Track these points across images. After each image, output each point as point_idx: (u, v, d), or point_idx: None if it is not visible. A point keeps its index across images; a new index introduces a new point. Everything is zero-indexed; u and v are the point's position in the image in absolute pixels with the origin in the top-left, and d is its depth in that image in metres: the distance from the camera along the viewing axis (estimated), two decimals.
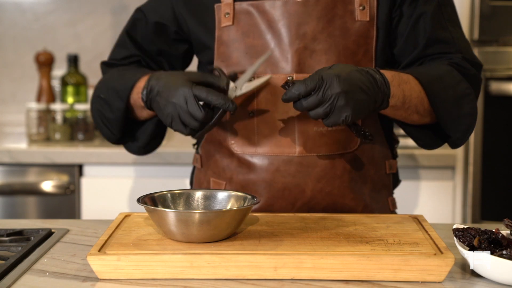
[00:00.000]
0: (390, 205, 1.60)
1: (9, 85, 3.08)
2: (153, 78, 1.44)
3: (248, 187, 1.51)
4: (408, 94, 1.41)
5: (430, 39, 1.50)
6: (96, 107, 1.59)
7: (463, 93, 1.46)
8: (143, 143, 1.62)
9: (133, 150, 1.64)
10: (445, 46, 1.51)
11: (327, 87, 1.28)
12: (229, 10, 1.50)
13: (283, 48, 1.47)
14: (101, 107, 1.57)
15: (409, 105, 1.42)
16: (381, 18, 1.49)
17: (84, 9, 3.06)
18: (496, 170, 2.48)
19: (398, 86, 1.39)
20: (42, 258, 1.23)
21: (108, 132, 1.60)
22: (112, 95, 1.54)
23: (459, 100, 1.46)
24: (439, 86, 1.44)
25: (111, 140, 1.62)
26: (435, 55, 1.51)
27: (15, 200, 2.49)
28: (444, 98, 1.44)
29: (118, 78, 1.55)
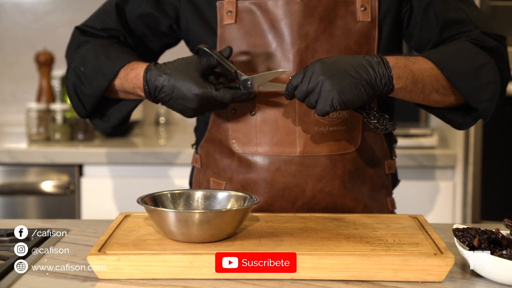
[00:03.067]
0: (389, 205, 1.60)
1: (9, 85, 3.08)
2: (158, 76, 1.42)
3: (249, 186, 1.51)
4: (419, 73, 1.37)
5: (444, 23, 1.47)
6: (73, 80, 1.55)
7: (481, 63, 1.41)
8: (115, 123, 1.57)
9: (102, 128, 1.59)
10: (461, 26, 1.47)
11: (312, 74, 1.31)
12: (231, 8, 1.50)
13: (284, 48, 1.47)
14: (79, 81, 1.54)
15: (422, 84, 1.38)
16: (384, 18, 1.49)
17: (84, 9, 3.06)
18: (496, 170, 2.48)
19: (404, 67, 1.35)
20: (42, 258, 1.23)
21: (80, 106, 1.56)
22: (95, 72, 1.51)
23: (477, 71, 1.40)
24: (454, 60, 1.40)
25: (81, 114, 1.58)
26: (453, 36, 1.48)
27: (15, 200, 2.49)
28: (461, 71, 1.40)
29: (103, 56, 1.52)
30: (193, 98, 1.39)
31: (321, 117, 1.46)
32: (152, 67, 1.44)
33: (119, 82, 1.50)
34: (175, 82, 1.40)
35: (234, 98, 1.39)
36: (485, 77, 1.41)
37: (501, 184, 2.49)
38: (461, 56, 1.41)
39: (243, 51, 1.49)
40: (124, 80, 1.49)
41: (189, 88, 1.39)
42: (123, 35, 1.60)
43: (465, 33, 1.46)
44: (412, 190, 2.44)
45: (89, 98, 1.54)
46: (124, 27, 1.60)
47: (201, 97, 1.38)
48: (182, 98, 1.40)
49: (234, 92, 1.39)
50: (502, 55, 1.45)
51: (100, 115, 1.58)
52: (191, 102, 1.40)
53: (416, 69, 1.37)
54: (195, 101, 1.39)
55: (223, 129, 1.54)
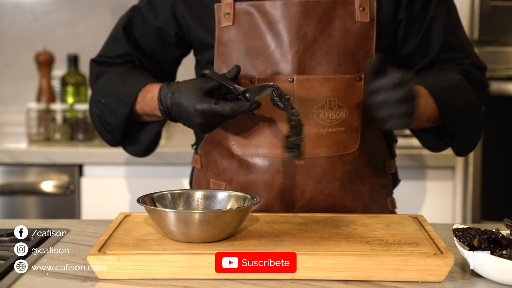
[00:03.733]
0: (389, 205, 1.60)
1: (9, 85, 3.08)
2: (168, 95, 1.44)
3: (248, 188, 1.51)
4: (423, 109, 1.43)
5: (444, 46, 1.54)
6: (96, 112, 1.59)
7: (471, 104, 1.51)
8: (146, 146, 1.62)
9: (134, 152, 1.64)
10: (457, 51, 1.55)
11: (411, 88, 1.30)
12: (229, 10, 1.49)
13: (283, 49, 1.47)
14: (101, 112, 1.57)
15: (422, 117, 1.45)
16: (382, 19, 1.49)
17: (84, 9, 3.06)
18: (496, 170, 2.48)
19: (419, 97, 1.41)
20: (42, 258, 1.23)
21: (109, 136, 1.60)
22: (115, 101, 1.54)
23: (468, 112, 1.51)
24: (449, 97, 1.48)
25: (112, 143, 1.62)
26: (448, 61, 1.55)
27: (15, 200, 2.49)
28: (454, 109, 1.49)
29: (120, 83, 1.55)
30: (195, 113, 1.40)
31: (321, 119, 1.46)
32: (164, 87, 1.46)
33: (139, 107, 1.52)
34: (179, 100, 1.42)
35: (234, 110, 1.38)
36: (473, 119, 1.52)
37: (501, 184, 2.49)
38: (456, 93, 1.49)
39: (241, 53, 1.49)
40: (142, 104, 1.51)
41: (190, 104, 1.40)
42: (137, 58, 1.61)
43: (458, 59, 1.55)
44: (412, 190, 2.44)
45: (115, 127, 1.57)
46: (135, 48, 1.61)
47: (202, 112, 1.39)
48: (187, 114, 1.42)
49: (234, 104, 1.38)
50: (487, 92, 1.57)
51: (131, 141, 1.62)
52: (195, 118, 1.41)
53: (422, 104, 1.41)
54: (198, 116, 1.40)
55: (223, 131, 1.54)
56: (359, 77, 1.48)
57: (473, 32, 2.42)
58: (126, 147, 1.64)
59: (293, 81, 1.46)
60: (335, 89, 1.47)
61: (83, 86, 2.80)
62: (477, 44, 2.43)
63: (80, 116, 2.65)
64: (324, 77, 1.46)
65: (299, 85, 1.46)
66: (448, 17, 1.54)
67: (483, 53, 2.42)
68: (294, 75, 1.46)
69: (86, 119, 2.65)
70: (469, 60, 1.55)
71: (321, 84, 1.46)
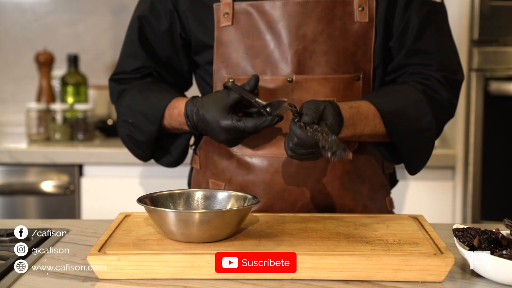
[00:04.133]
0: (387, 205, 1.60)
1: (9, 85, 3.08)
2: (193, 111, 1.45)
3: (248, 188, 1.51)
4: (360, 131, 1.44)
5: (411, 49, 1.51)
6: (125, 132, 1.59)
7: (424, 127, 1.50)
8: (177, 157, 1.63)
9: (167, 164, 1.65)
10: (426, 57, 1.52)
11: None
12: (228, 10, 1.49)
13: (282, 49, 1.47)
14: (130, 132, 1.58)
15: (358, 137, 1.46)
16: (379, 19, 1.49)
17: (84, 9, 3.06)
18: (496, 170, 2.48)
19: (351, 125, 1.42)
20: (42, 258, 1.23)
21: (140, 153, 1.62)
22: (142, 120, 1.55)
23: (418, 135, 1.51)
24: (400, 118, 1.48)
25: (144, 159, 1.64)
26: (415, 66, 1.53)
27: (15, 200, 2.49)
28: (403, 131, 1.49)
29: (144, 102, 1.55)
30: (219, 130, 1.41)
31: None
32: (189, 103, 1.47)
33: (167, 122, 1.54)
34: (205, 116, 1.43)
35: (256, 126, 1.38)
36: (421, 143, 1.52)
37: (501, 184, 2.49)
38: (409, 114, 1.48)
39: (240, 53, 1.49)
40: (170, 119, 1.52)
41: (214, 121, 1.41)
42: (154, 70, 1.60)
43: (428, 66, 1.52)
44: (412, 190, 2.44)
45: (145, 144, 1.59)
46: (152, 59, 1.59)
47: (225, 129, 1.40)
48: (212, 130, 1.43)
49: (256, 120, 1.38)
50: (451, 110, 1.55)
51: (163, 153, 1.63)
52: (220, 134, 1.42)
53: (359, 128, 1.44)
54: (222, 133, 1.41)
55: None
56: (358, 77, 1.49)
57: (473, 32, 2.42)
58: (159, 160, 1.65)
59: (292, 81, 1.46)
60: (334, 89, 1.47)
61: (83, 86, 2.80)
62: (477, 44, 2.43)
63: (80, 116, 2.65)
64: (323, 77, 1.47)
65: (298, 85, 1.46)
66: (428, 21, 1.51)
67: (483, 53, 2.42)
68: (293, 75, 1.46)
69: (86, 119, 2.65)
70: (440, 73, 1.51)
71: (320, 84, 1.46)
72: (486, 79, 2.43)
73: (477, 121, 2.43)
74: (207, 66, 1.55)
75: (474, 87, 2.43)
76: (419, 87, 1.50)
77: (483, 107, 2.43)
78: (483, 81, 2.42)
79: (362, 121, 1.44)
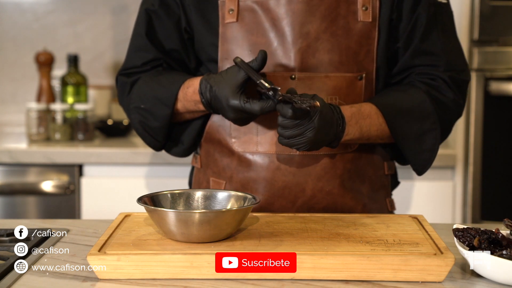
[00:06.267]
0: (388, 206, 1.60)
1: (9, 85, 3.08)
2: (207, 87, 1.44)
3: (249, 185, 1.51)
4: (366, 130, 1.45)
5: (417, 50, 1.52)
6: (138, 119, 1.58)
7: (427, 128, 1.51)
8: (189, 145, 1.62)
9: (178, 153, 1.63)
10: (433, 58, 1.53)
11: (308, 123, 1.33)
12: (233, 6, 1.50)
13: (286, 46, 1.47)
14: (143, 118, 1.57)
15: (367, 137, 1.47)
16: (383, 18, 1.50)
17: (84, 9, 3.06)
18: (496, 170, 2.48)
19: (355, 124, 1.43)
20: (42, 258, 1.23)
21: (152, 140, 1.60)
22: (156, 104, 1.54)
23: (421, 136, 1.51)
24: (404, 120, 1.49)
25: (156, 148, 1.62)
26: (422, 66, 1.54)
27: (15, 200, 2.49)
28: (406, 132, 1.50)
29: (157, 86, 1.54)
30: (228, 108, 1.39)
31: None
32: (203, 80, 1.45)
33: (180, 105, 1.52)
34: (217, 93, 1.41)
35: (263, 108, 1.37)
36: (425, 144, 1.53)
37: (501, 184, 2.49)
38: (413, 115, 1.50)
39: (244, 50, 1.49)
40: (184, 100, 1.51)
41: (224, 99, 1.39)
42: (164, 61, 1.59)
43: (434, 67, 1.53)
44: (412, 190, 2.44)
45: (159, 130, 1.57)
46: (162, 52, 1.58)
47: (233, 108, 1.38)
48: (222, 108, 1.41)
49: (262, 103, 1.36)
50: (458, 110, 1.56)
51: (174, 143, 1.62)
52: (229, 113, 1.40)
53: (365, 126, 1.45)
54: (231, 112, 1.40)
55: (223, 129, 1.54)
56: (360, 76, 1.49)
57: (473, 32, 2.42)
58: (170, 150, 1.64)
59: (295, 78, 1.47)
60: (336, 87, 1.47)
61: (83, 86, 2.80)
62: (477, 44, 2.43)
63: (80, 116, 2.64)
64: (326, 75, 1.47)
65: (301, 82, 1.46)
66: (435, 20, 1.52)
67: (483, 53, 2.42)
68: (296, 72, 1.47)
69: (86, 119, 2.65)
70: (446, 74, 1.52)
71: (322, 82, 1.47)
72: (486, 79, 2.43)
73: (477, 121, 2.43)
74: (208, 64, 1.55)
75: (474, 87, 2.43)
76: (423, 88, 1.51)
77: (483, 107, 2.43)
78: (483, 81, 2.42)
79: (366, 119, 1.45)
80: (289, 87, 1.45)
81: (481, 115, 2.43)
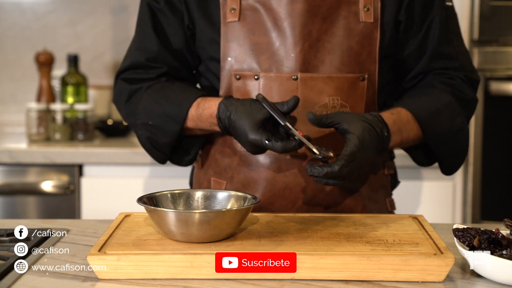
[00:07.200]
0: (388, 206, 1.60)
1: (9, 85, 3.08)
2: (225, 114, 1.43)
3: (249, 185, 1.51)
4: (406, 136, 1.48)
5: (435, 53, 1.55)
6: (146, 135, 1.56)
7: (458, 127, 1.53)
8: (194, 155, 1.62)
9: (184, 163, 1.63)
10: (449, 61, 1.56)
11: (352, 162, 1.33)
12: (235, 5, 1.49)
13: (288, 47, 1.47)
14: (151, 134, 1.55)
15: (406, 142, 1.50)
16: (386, 19, 1.50)
17: (84, 9, 3.06)
18: (496, 170, 2.48)
19: (398, 131, 1.45)
20: (42, 258, 1.23)
21: (160, 155, 1.59)
22: (165, 120, 1.52)
23: (454, 135, 1.53)
24: (436, 121, 1.51)
25: (163, 162, 1.62)
26: (438, 69, 1.56)
27: (15, 200, 2.49)
28: (439, 133, 1.52)
29: (166, 102, 1.52)
30: (246, 142, 1.39)
31: None
32: (222, 106, 1.44)
33: (192, 124, 1.51)
34: (236, 124, 1.41)
35: (285, 149, 1.36)
36: (458, 143, 1.55)
37: (501, 184, 2.49)
38: (443, 116, 1.52)
39: (246, 49, 1.49)
40: (198, 120, 1.50)
41: (244, 133, 1.39)
42: (168, 65, 1.56)
43: (451, 72, 1.56)
44: (412, 190, 2.44)
45: (167, 146, 1.57)
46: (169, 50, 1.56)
47: (253, 144, 1.38)
48: (241, 139, 1.41)
49: (284, 144, 1.36)
50: (474, 109, 1.60)
51: (180, 154, 1.61)
52: (246, 145, 1.40)
53: (405, 132, 1.48)
54: (248, 145, 1.40)
55: None
56: (362, 77, 1.49)
57: (473, 32, 2.42)
58: (175, 161, 1.63)
59: (297, 79, 1.46)
60: (338, 88, 1.47)
61: (83, 86, 2.80)
62: (477, 44, 2.43)
63: (80, 116, 2.64)
64: (328, 76, 1.47)
65: (303, 83, 1.46)
66: (446, 24, 1.55)
67: (483, 53, 2.42)
68: (298, 73, 1.47)
69: (86, 119, 2.65)
70: (462, 73, 1.56)
71: (324, 82, 1.47)
72: (486, 79, 2.43)
73: (477, 121, 2.43)
74: (208, 62, 1.55)
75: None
76: (447, 89, 1.54)
77: (483, 107, 2.43)
78: (483, 81, 2.42)
79: (406, 125, 1.47)
80: (291, 87, 1.45)
81: (481, 115, 2.43)
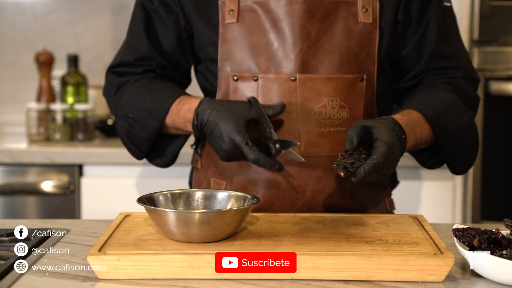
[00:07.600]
0: (387, 206, 1.60)
1: (9, 85, 3.08)
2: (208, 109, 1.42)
3: (249, 186, 1.51)
4: (419, 136, 1.47)
5: (434, 53, 1.54)
6: (125, 127, 1.57)
7: (466, 124, 1.53)
8: (172, 158, 1.62)
9: (161, 164, 1.63)
10: (448, 61, 1.56)
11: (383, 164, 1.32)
12: (233, 7, 1.49)
13: (286, 47, 1.47)
14: (130, 127, 1.56)
15: (419, 143, 1.48)
16: (385, 20, 1.50)
17: (84, 9, 3.06)
18: (496, 170, 2.48)
19: (411, 132, 1.44)
20: (42, 258, 1.23)
21: (136, 150, 1.60)
22: (145, 115, 1.53)
23: (462, 133, 1.53)
24: (444, 119, 1.50)
25: (138, 157, 1.62)
26: (438, 70, 1.56)
27: (15, 200, 2.49)
28: (448, 131, 1.51)
29: (149, 98, 1.52)
30: (227, 141, 1.39)
31: (322, 118, 1.46)
32: (205, 101, 1.44)
33: (170, 120, 1.51)
34: (219, 121, 1.40)
35: (257, 160, 1.37)
36: (468, 140, 1.55)
37: (501, 184, 2.49)
38: (450, 115, 1.51)
39: (245, 51, 1.49)
40: (175, 116, 1.50)
41: (227, 129, 1.38)
42: (157, 64, 1.57)
43: (449, 69, 1.55)
44: (412, 190, 2.44)
45: (144, 141, 1.57)
46: (156, 50, 1.56)
47: (233, 144, 1.38)
48: (219, 137, 1.40)
49: (259, 155, 1.36)
50: (477, 107, 1.60)
51: (158, 154, 1.62)
52: (225, 144, 1.39)
53: (419, 132, 1.47)
54: (228, 145, 1.39)
55: None
56: (361, 78, 1.49)
57: (473, 32, 2.42)
58: (153, 160, 1.63)
59: (295, 80, 1.46)
60: (337, 88, 1.47)
61: (83, 86, 2.80)
62: (477, 44, 2.43)
63: (80, 116, 2.64)
64: (327, 77, 1.47)
65: (302, 84, 1.46)
66: (444, 24, 1.55)
67: (483, 53, 2.42)
68: (296, 73, 1.46)
69: (86, 119, 2.65)
70: (462, 73, 1.56)
71: (323, 83, 1.47)
72: (486, 79, 2.43)
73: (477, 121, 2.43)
74: (208, 63, 1.55)
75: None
76: (449, 88, 1.54)
77: (483, 107, 2.43)
78: (483, 81, 2.42)
79: (418, 126, 1.46)
80: (290, 88, 1.45)
81: (481, 115, 2.43)
